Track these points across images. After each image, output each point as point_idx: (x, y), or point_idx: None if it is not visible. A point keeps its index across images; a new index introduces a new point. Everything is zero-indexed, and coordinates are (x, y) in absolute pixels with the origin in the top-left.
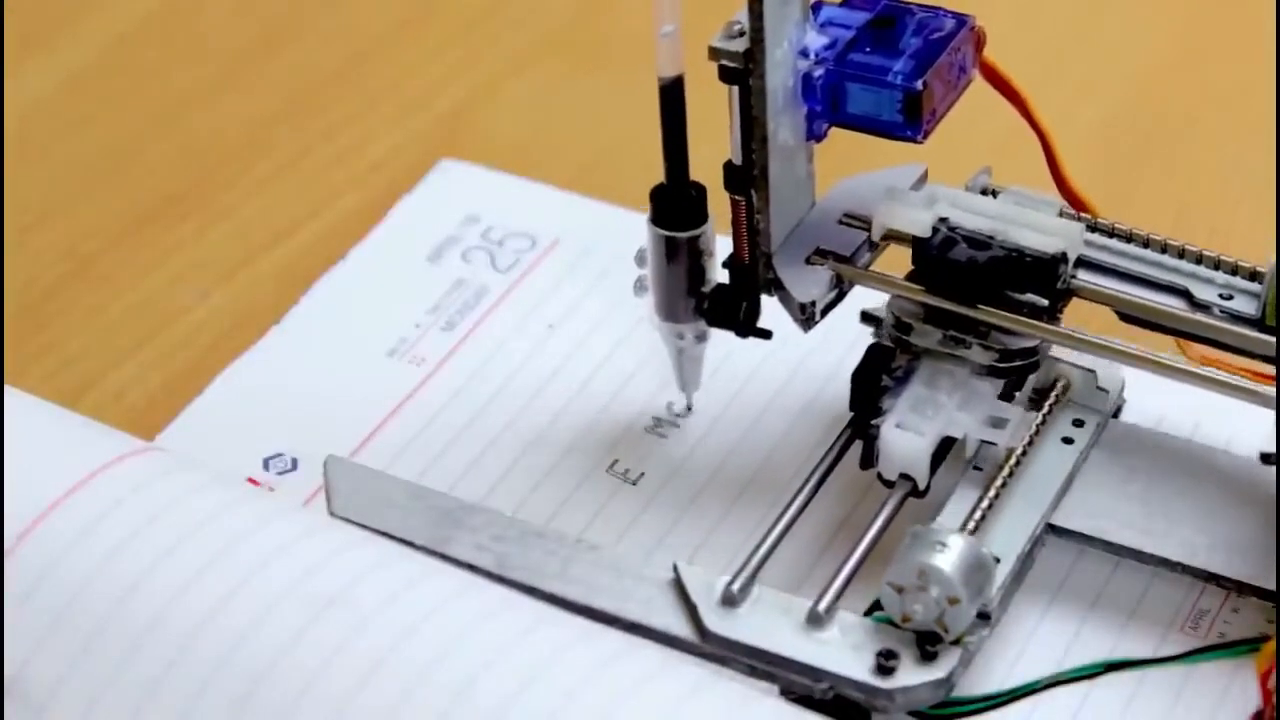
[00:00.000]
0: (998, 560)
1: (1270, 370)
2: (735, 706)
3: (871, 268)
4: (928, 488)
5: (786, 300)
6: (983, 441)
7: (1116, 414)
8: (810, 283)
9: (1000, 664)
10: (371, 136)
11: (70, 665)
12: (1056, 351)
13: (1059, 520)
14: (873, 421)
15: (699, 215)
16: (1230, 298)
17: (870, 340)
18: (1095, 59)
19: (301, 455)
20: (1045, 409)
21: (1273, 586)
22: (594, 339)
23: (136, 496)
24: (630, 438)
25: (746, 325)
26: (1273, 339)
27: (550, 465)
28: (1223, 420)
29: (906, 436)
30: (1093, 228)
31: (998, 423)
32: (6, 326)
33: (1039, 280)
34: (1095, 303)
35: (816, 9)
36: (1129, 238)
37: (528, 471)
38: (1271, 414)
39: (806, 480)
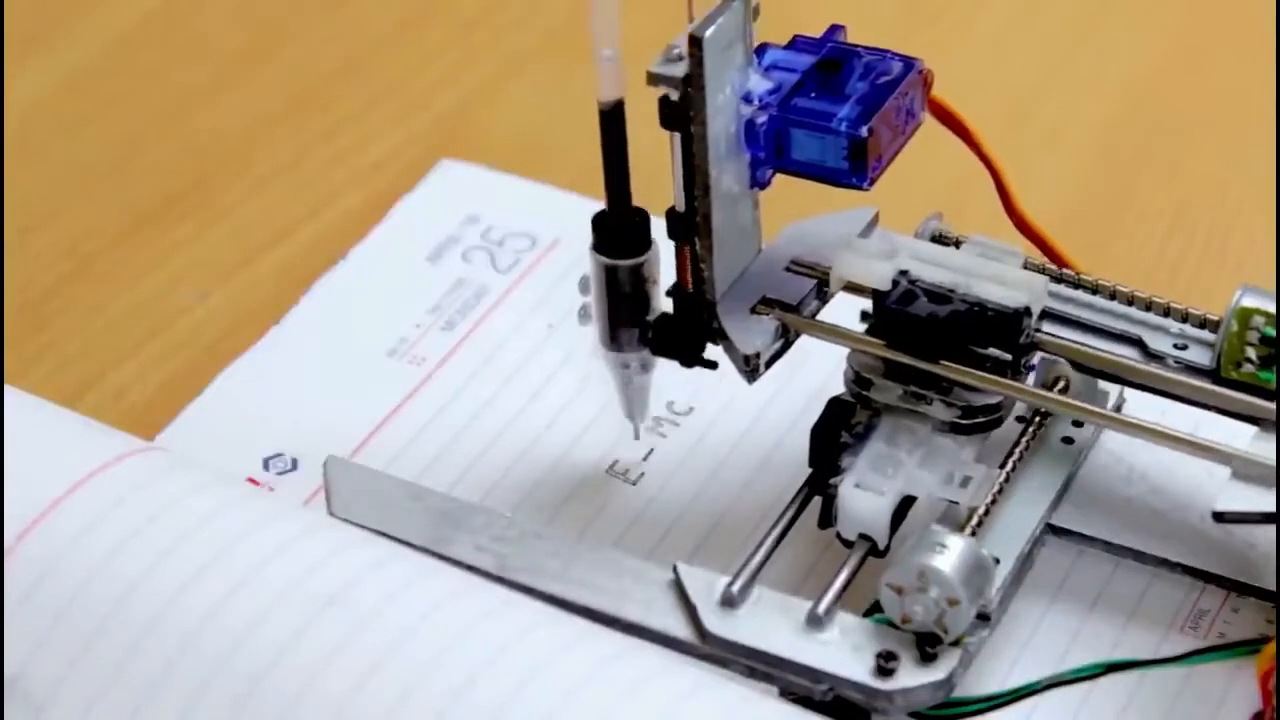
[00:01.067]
0: (997, 561)
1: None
2: (734, 707)
3: (827, 318)
4: (888, 547)
5: (731, 351)
6: (946, 500)
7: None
8: (754, 333)
9: (1000, 665)
10: (371, 136)
11: (70, 665)
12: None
13: (1059, 520)
14: (831, 480)
15: (642, 242)
16: (1185, 347)
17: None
18: (1094, 62)
19: (301, 455)
20: (1032, 430)
21: (1273, 586)
22: (594, 339)
23: (136, 496)
24: (630, 438)
25: (692, 355)
26: (1227, 392)
27: (550, 465)
28: (1223, 420)
29: (866, 496)
30: (1057, 279)
31: (961, 481)
32: (6, 326)
33: (1002, 335)
34: (1051, 354)
35: (761, 51)
36: (1079, 285)
37: (528, 471)
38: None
39: (782, 513)
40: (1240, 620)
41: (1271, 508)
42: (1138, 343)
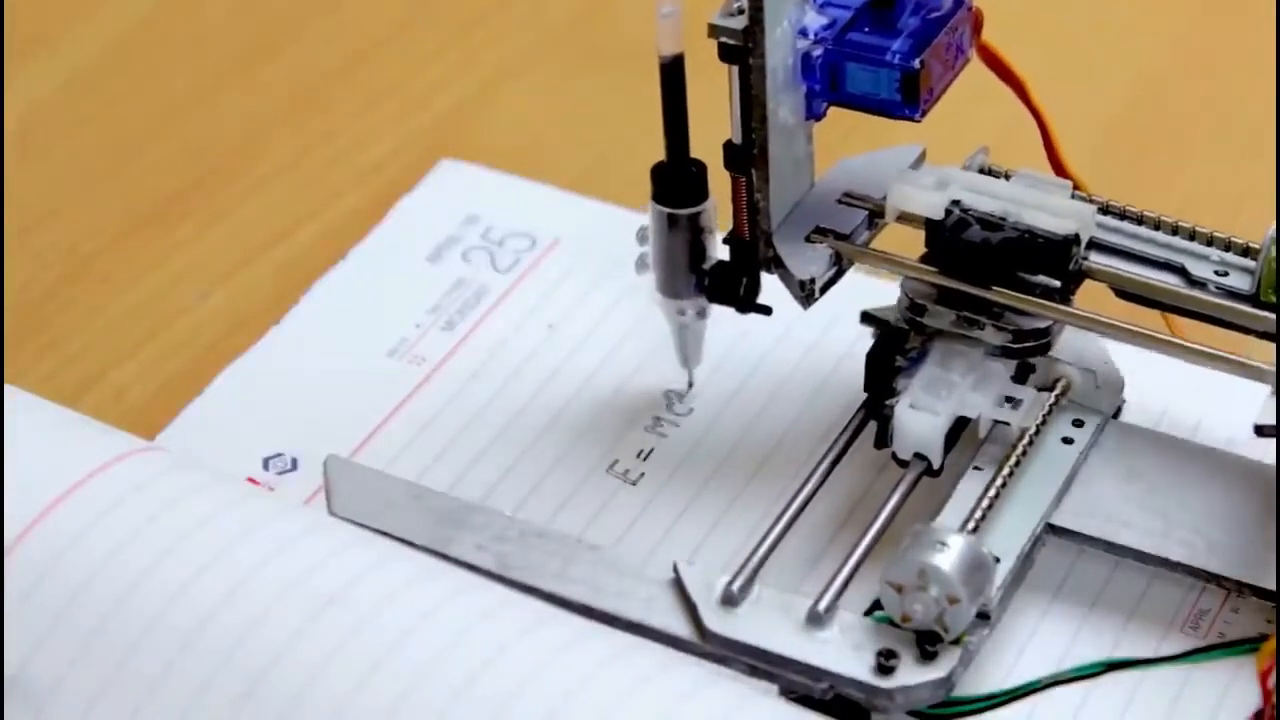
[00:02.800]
0: (998, 560)
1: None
2: (735, 706)
3: (879, 251)
4: (942, 467)
5: (786, 278)
6: (996, 421)
7: (1116, 414)
8: (809, 260)
9: (1000, 664)
10: (371, 136)
11: (70, 664)
12: (1058, 352)
13: (1059, 520)
14: (887, 402)
15: (699, 192)
16: (1225, 274)
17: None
18: (1099, 58)
19: (301, 455)
20: (1045, 409)
21: (1273, 586)
22: (594, 339)
23: (137, 495)
24: (630, 438)
25: (747, 302)
26: (1267, 314)
27: (550, 465)
28: (1223, 420)
29: (921, 416)
30: (1104, 210)
31: (1012, 402)
32: (6, 326)
33: (1051, 262)
34: (1099, 281)
35: None
36: (1124, 215)
37: (528, 471)
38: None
39: (821, 460)
40: (1240, 620)
41: None
42: (1180, 270)
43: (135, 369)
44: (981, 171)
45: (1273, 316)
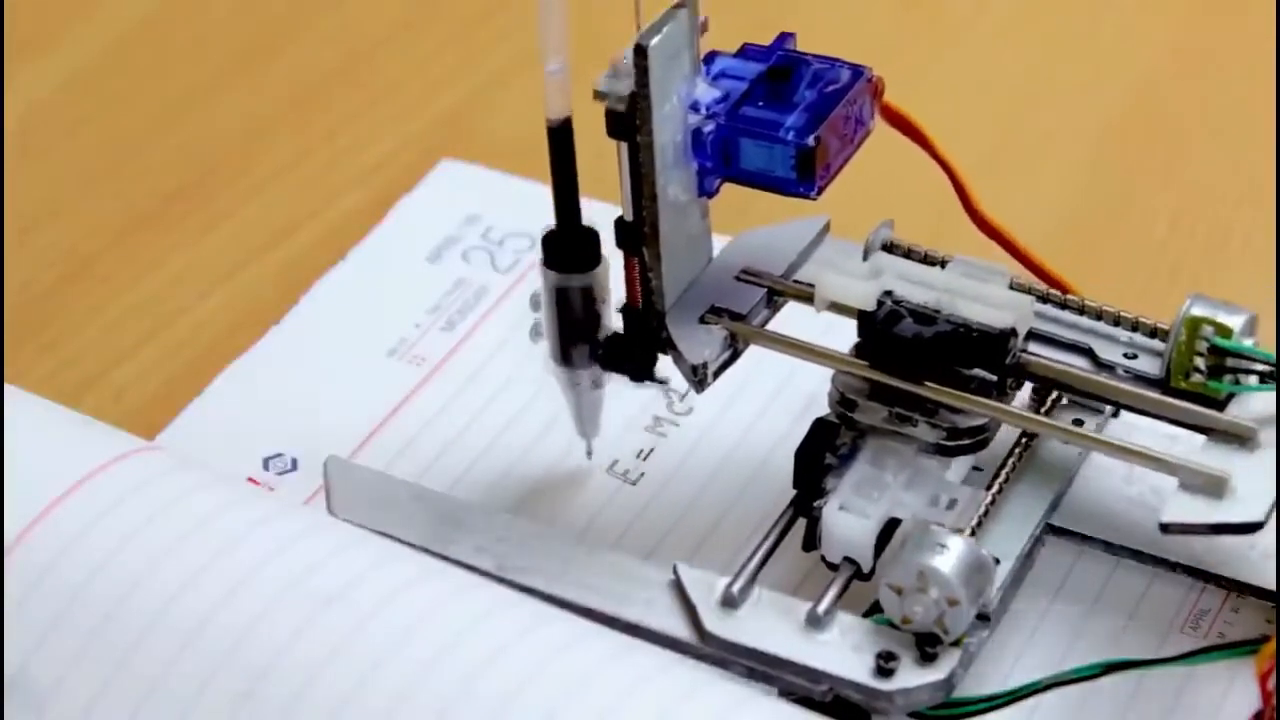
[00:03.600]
0: (997, 561)
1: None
2: (734, 707)
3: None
4: (873, 570)
5: (679, 361)
6: (930, 523)
7: (1116, 413)
8: (703, 343)
9: (1000, 665)
10: (371, 136)
11: (71, 663)
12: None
13: (1059, 520)
14: (815, 503)
15: (592, 258)
16: (1134, 357)
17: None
18: (1093, 64)
19: (301, 455)
20: (1045, 409)
21: (1273, 586)
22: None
23: (137, 495)
24: (630, 438)
25: (643, 372)
26: (1175, 400)
27: (550, 465)
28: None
29: (849, 519)
30: (1041, 298)
31: (946, 503)
32: (6, 326)
33: (988, 355)
34: (1038, 375)
35: (710, 59)
36: (1064, 305)
37: (528, 471)
38: None
39: (783, 514)
40: (1240, 620)
41: (1219, 519)
42: (1088, 352)
43: (135, 369)
44: (928, 261)
45: (1181, 404)
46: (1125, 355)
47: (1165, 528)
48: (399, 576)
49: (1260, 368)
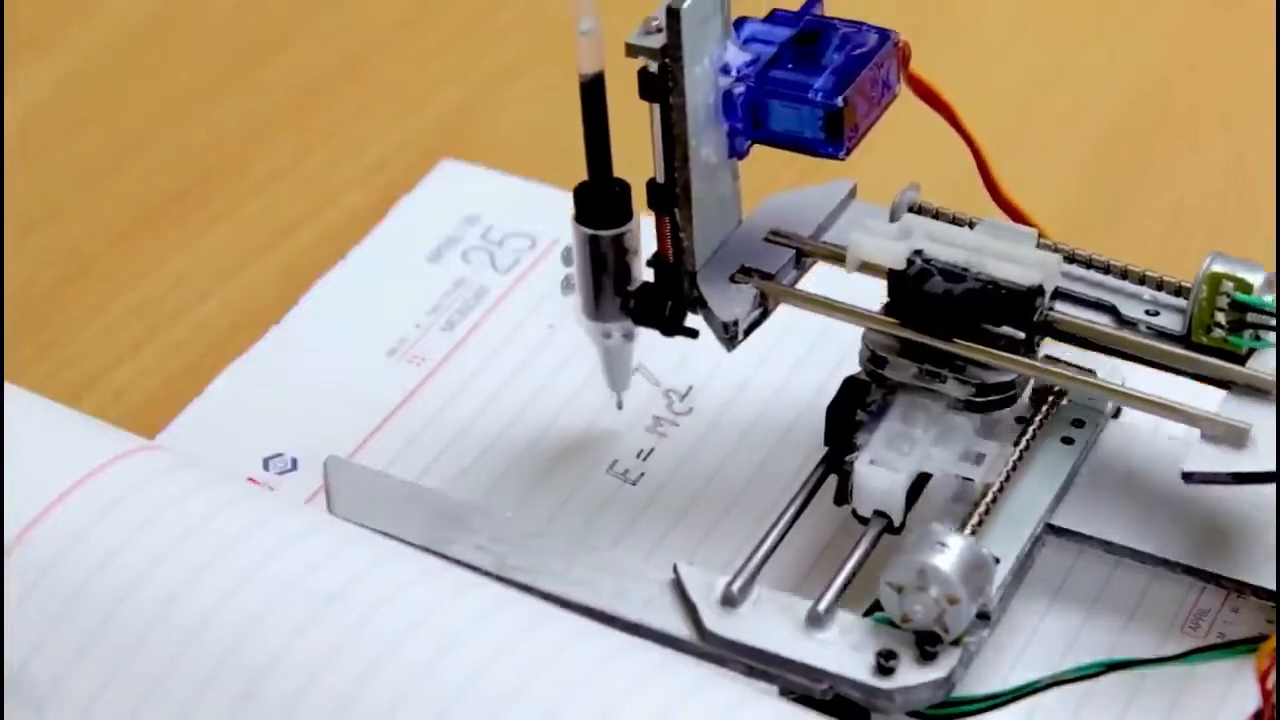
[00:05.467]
0: (997, 560)
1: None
2: (734, 706)
3: (811, 294)
4: (903, 524)
5: (710, 319)
6: (959, 478)
7: (1117, 414)
8: (734, 301)
9: (1000, 664)
10: (371, 136)
11: (71, 663)
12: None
13: (1059, 520)
14: (847, 457)
15: (623, 213)
16: (1156, 314)
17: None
18: (1095, 62)
19: (301, 455)
20: (1045, 409)
21: (1273, 586)
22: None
23: (137, 494)
24: (630, 438)
25: (673, 324)
26: (1196, 355)
27: (550, 465)
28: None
29: (880, 473)
30: (1068, 258)
31: (975, 458)
32: (6, 326)
33: (1015, 313)
34: (1065, 332)
35: (740, 24)
36: (1090, 264)
37: (528, 471)
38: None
39: (784, 510)
40: (1240, 620)
41: (1239, 468)
42: (1111, 309)
43: (135, 369)
44: (957, 222)
45: (1202, 358)
46: (1148, 312)
47: (1188, 476)
48: (399, 576)
49: None
